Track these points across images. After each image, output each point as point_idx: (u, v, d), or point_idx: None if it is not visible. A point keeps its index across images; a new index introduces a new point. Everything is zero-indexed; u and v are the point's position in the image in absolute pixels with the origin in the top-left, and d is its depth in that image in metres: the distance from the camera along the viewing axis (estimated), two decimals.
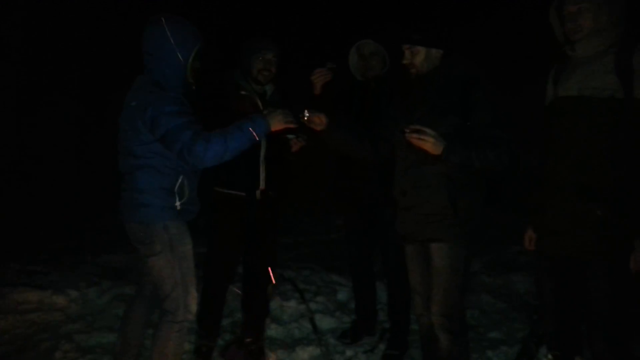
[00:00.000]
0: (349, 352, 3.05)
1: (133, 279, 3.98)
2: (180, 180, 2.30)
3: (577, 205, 2.06)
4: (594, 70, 2.04)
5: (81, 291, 3.80)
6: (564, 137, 2.11)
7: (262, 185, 2.85)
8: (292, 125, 2.33)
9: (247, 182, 2.83)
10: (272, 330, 3.31)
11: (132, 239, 2.38)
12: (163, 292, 2.32)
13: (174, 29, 2.27)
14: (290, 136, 2.78)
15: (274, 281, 3.01)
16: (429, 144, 2.12)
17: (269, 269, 2.96)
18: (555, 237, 2.14)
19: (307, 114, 2.36)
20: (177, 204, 2.30)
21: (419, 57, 2.30)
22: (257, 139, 2.26)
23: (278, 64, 2.86)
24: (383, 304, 3.56)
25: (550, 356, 2.37)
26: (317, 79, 2.71)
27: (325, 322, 3.48)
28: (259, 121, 2.27)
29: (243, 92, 2.81)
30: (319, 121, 2.40)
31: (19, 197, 6.12)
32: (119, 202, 2.37)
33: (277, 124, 2.30)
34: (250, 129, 2.23)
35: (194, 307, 2.34)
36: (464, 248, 2.27)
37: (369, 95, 2.99)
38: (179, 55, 2.27)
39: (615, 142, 1.99)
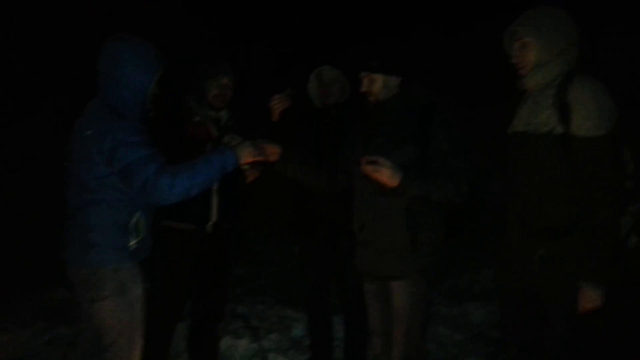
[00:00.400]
0: None
1: (72, 318, 3.68)
2: (135, 217, 2.09)
3: (523, 241, 2.05)
4: (536, 104, 2.03)
5: (11, 334, 3.48)
6: (512, 172, 2.10)
7: (214, 217, 2.70)
8: (261, 158, 2.24)
9: (198, 215, 2.67)
10: None
11: (74, 281, 2.13)
12: (104, 341, 2.09)
13: (137, 50, 2.09)
14: (245, 166, 2.68)
15: (223, 319, 2.85)
16: (385, 175, 2.05)
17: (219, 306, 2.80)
18: (508, 272, 2.12)
19: (261, 141, 2.27)
20: (132, 243, 2.09)
21: (377, 84, 2.24)
22: (228, 170, 2.14)
23: (234, 89, 2.76)
24: (340, 340, 3.43)
25: None
26: (275, 105, 2.63)
27: None
28: (228, 154, 2.14)
29: (197, 118, 2.68)
30: (272, 152, 2.30)
31: None
32: (61, 239, 2.12)
33: (246, 156, 2.19)
34: (219, 162, 2.10)
35: (137, 359, 2.13)
36: (425, 284, 2.19)
37: (328, 123, 2.92)
38: (141, 79, 2.09)
39: (558, 180, 1.96)
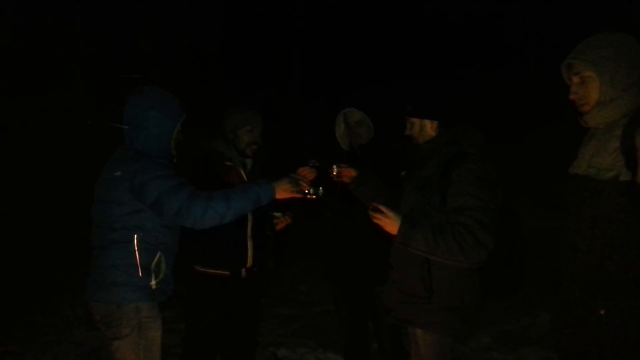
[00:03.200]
0: None
1: None
2: (157, 257, 2.14)
3: (581, 299, 1.77)
4: (600, 145, 1.76)
5: None
6: (572, 220, 1.83)
7: (249, 262, 2.69)
8: (298, 195, 2.26)
9: (234, 260, 2.67)
10: None
11: (96, 320, 2.18)
12: None
13: (160, 101, 2.19)
14: (277, 214, 2.68)
15: None
16: (386, 224, 2.00)
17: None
18: (562, 331, 1.87)
19: (336, 169, 2.41)
20: (153, 282, 2.13)
21: (415, 128, 2.23)
22: (262, 203, 2.16)
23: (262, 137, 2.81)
24: None
25: None
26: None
27: None
28: (265, 186, 2.18)
29: (228, 163, 2.69)
30: (347, 174, 2.41)
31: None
32: (85, 280, 2.19)
33: (282, 192, 2.22)
34: (255, 193, 2.14)
35: None
36: (445, 337, 2.07)
37: (355, 165, 2.84)
38: (166, 127, 2.18)
39: (623, 232, 1.67)
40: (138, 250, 2.12)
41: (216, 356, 2.83)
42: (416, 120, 2.22)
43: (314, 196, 2.56)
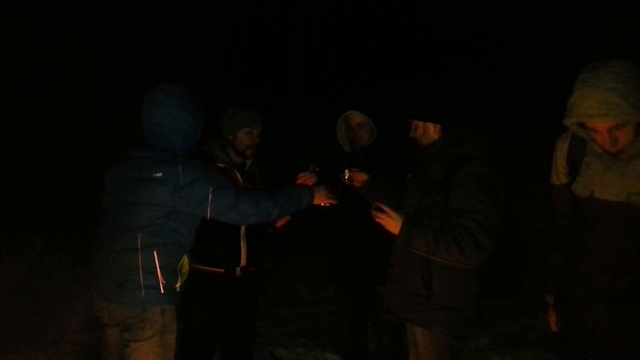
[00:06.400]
0: None
1: None
2: (183, 259, 2.17)
3: (594, 301, 1.83)
4: (634, 171, 1.77)
5: None
6: (590, 235, 1.86)
7: (242, 261, 2.70)
8: (333, 202, 2.42)
9: (227, 259, 2.69)
10: None
11: (113, 322, 2.16)
12: None
13: (189, 100, 2.23)
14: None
15: None
16: (387, 224, 2.04)
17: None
18: (573, 330, 1.90)
19: (348, 173, 2.47)
20: (178, 285, 2.16)
21: (419, 131, 2.26)
22: (302, 207, 2.29)
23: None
24: None
25: None
26: (302, 183, 2.63)
27: None
28: (306, 191, 2.32)
29: (220, 165, 2.69)
30: (359, 178, 2.45)
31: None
32: (99, 281, 2.17)
33: (320, 198, 2.37)
34: (298, 196, 2.26)
35: None
36: (447, 336, 2.07)
37: (357, 166, 2.84)
38: (193, 128, 2.23)
39: None
40: (167, 253, 2.13)
41: (213, 355, 2.83)
42: (420, 123, 2.25)
43: (326, 204, 2.61)
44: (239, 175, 2.75)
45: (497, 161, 2.14)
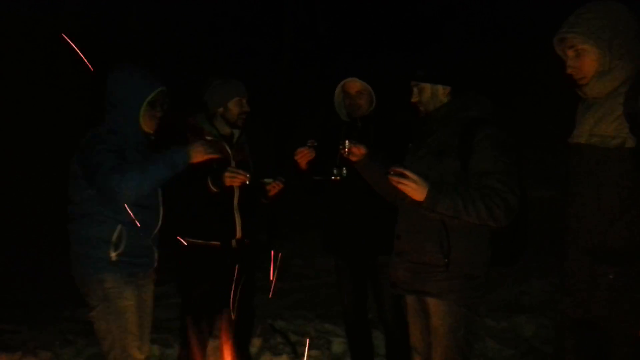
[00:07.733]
0: None
1: None
2: (118, 230, 2.21)
3: (588, 266, 1.79)
4: (603, 114, 1.76)
5: (54, 351, 3.52)
6: (575, 190, 1.84)
7: (238, 233, 2.71)
8: (214, 156, 2.30)
9: (223, 232, 2.69)
10: None
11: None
12: (103, 349, 2.25)
13: (124, 76, 2.26)
14: (267, 180, 2.65)
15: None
16: (410, 188, 1.95)
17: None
18: (571, 297, 1.88)
19: (348, 144, 2.30)
20: (113, 254, 2.21)
21: (425, 94, 2.16)
22: (179, 168, 2.20)
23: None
24: (382, 356, 3.29)
25: None
26: (300, 158, 2.60)
27: None
28: (177, 151, 2.23)
29: (208, 137, 2.66)
30: (357, 152, 2.28)
31: None
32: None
33: (197, 155, 2.25)
34: (169, 160, 2.19)
35: None
36: (464, 307, 2.05)
37: (355, 136, 2.77)
38: (130, 103, 2.23)
39: (629, 198, 1.70)
40: (96, 223, 2.21)
41: (213, 328, 2.84)
42: (427, 86, 2.15)
43: (337, 177, 2.55)
44: (227, 148, 2.72)
45: (505, 123, 2.11)
